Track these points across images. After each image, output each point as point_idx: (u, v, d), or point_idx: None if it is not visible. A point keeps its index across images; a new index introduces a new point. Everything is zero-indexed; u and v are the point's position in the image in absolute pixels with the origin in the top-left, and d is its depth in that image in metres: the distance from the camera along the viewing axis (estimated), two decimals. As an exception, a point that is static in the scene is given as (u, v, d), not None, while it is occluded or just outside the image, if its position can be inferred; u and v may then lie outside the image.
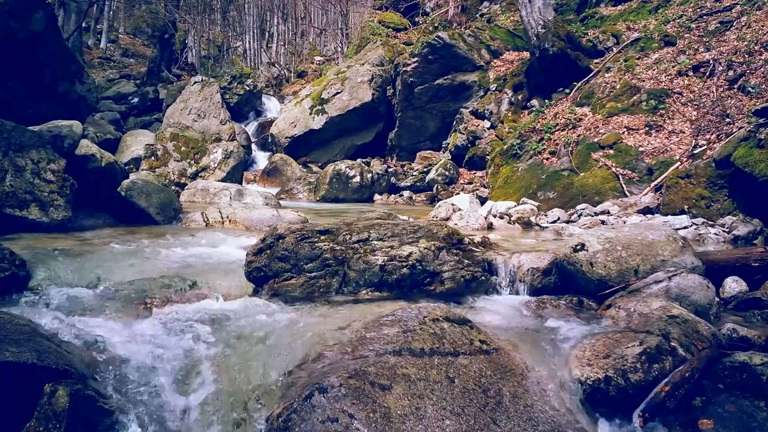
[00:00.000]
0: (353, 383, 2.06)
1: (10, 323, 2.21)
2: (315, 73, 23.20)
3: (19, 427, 1.84)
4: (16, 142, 4.75)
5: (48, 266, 3.54)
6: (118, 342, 2.51)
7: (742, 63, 8.14)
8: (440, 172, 11.54)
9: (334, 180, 11.40)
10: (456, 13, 16.97)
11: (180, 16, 24.63)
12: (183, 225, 5.96)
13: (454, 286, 3.51)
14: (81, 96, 9.98)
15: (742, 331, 2.83)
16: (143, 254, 4.08)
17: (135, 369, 2.34)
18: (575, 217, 6.77)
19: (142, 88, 18.05)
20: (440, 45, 12.70)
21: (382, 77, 14.67)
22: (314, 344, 2.57)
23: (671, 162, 7.24)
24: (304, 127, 14.14)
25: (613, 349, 2.55)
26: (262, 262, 3.48)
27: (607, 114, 8.73)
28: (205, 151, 11.80)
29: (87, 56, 20.76)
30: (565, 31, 10.68)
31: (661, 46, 9.89)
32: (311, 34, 31.83)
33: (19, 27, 7.97)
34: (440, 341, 2.41)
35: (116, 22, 28.49)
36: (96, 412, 2.02)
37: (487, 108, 11.90)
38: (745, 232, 5.19)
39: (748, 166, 5.46)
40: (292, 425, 1.92)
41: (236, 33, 29.39)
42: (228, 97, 16.76)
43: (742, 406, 2.26)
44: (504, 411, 2.15)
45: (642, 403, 2.34)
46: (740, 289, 3.54)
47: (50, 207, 4.72)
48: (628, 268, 3.37)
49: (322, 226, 3.75)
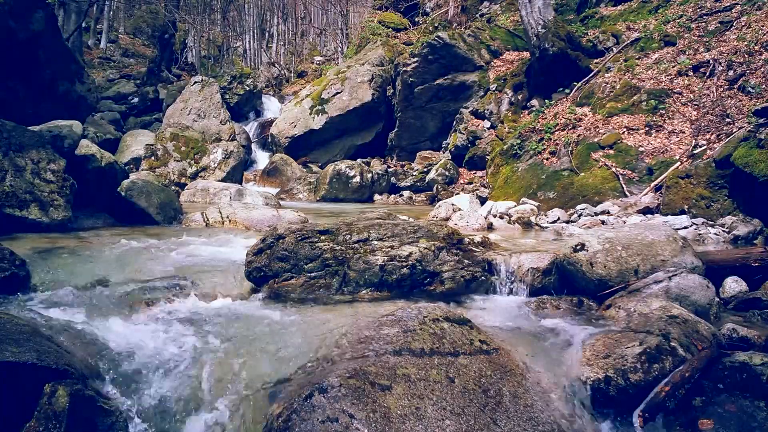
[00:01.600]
0: (353, 383, 2.06)
1: (10, 323, 2.21)
2: (315, 73, 23.22)
3: (19, 427, 1.84)
4: (16, 142, 4.75)
5: (48, 266, 3.55)
6: (118, 342, 2.51)
7: (742, 63, 8.14)
8: (440, 172, 11.54)
9: (334, 180, 11.41)
10: (456, 13, 16.97)
11: (180, 16, 24.64)
12: (183, 225, 5.96)
13: (454, 286, 3.51)
14: (81, 96, 9.98)
15: (742, 331, 2.83)
16: (143, 254, 4.08)
17: (135, 369, 2.35)
18: (575, 217, 6.77)
19: (142, 88, 18.06)
20: (440, 45, 12.70)
21: (382, 77, 14.67)
22: (314, 344, 2.57)
23: (671, 162, 7.24)
24: (304, 127, 14.15)
25: (613, 349, 2.55)
26: (262, 262, 3.48)
27: (607, 114, 8.73)
28: (205, 151, 11.80)
29: (87, 56, 20.77)
30: (565, 31, 10.68)
31: (661, 46, 9.89)
32: (311, 34, 31.84)
33: (19, 27, 7.97)
34: (440, 341, 2.41)
35: (116, 22, 28.49)
36: (96, 412, 2.02)
37: (487, 108, 11.90)
38: (745, 232, 5.19)
39: (748, 166, 5.46)
40: (292, 425, 1.92)
41: (236, 33, 29.39)
42: (228, 97, 16.77)
43: (742, 406, 2.26)
44: (504, 411, 2.15)
45: (642, 403, 2.34)
46: (740, 289, 3.54)
47: (50, 207, 4.72)
48: (628, 268, 3.37)
49: (322, 226, 3.75)
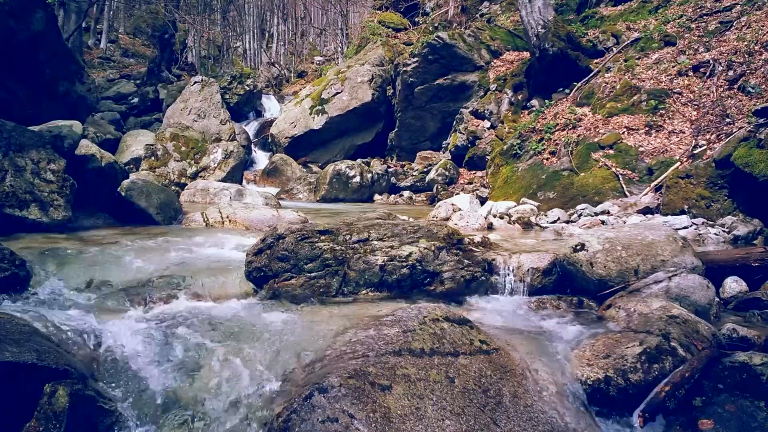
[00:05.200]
0: (353, 383, 2.06)
1: (10, 323, 2.21)
2: (315, 73, 23.22)
3: (19, 427, 1.84)
4: (17, 142, 4.74)
5: (48, 266, 3.54)
6: (118, 342, 2.51)
7: (742, 63, 8.14)
8: (440, 172, 11.54)
9: (334, 180, 11.40)
10: (456, 13, 16.97)
11: (180, 16, 24.64)
12: (183, 225, 5.96)
13: (454, 286, 3.51)
14: (81, 96, 9.98)
15: (742, 331, 2.83)
16: (143, 254, 4.07)
17: (135, 368, 2.35)
18: (575, 217, 6.77)
19: (142, 88, 18.05)
20: (440, 45, 12.70)
21: (382, 77, 14.67)
22: (314, 344, 2.57)
23: (671, 162, 7.24)
24: (304, 127, 14.14)
25: (613, 349, 2.55)
26: (262, 262, 3.48)
27: (607, 114, 8.73)
28: (205, 151, 11.79)
29: (87, 56, 20.76)
30: (565, 31, 10.68)
31: (661, 46, 9.89)
32: (311, 34, 31.85)
33: (19, 27, 7.97)
34: (440, 341, 2.41)
35: (116, 22, 28.49)
36: (96, 412, 2.02)
37: (487, 108, 11.89)
38: (745, 232, 5.19)
39: (748, 166, 5.46)
40: (292, 425, 1.92)
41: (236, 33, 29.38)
42: (228, 97, 16.77)
43: (742, 406, 2.26)
44: (504, 411, 2.15)
45: (642, 403, 2.34)
46: (740, 289, 3.54)
47: (50, 207, 4.72)
48: (628, 268, 3.37)
49: (322, 226, 3.75)
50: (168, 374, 2.34)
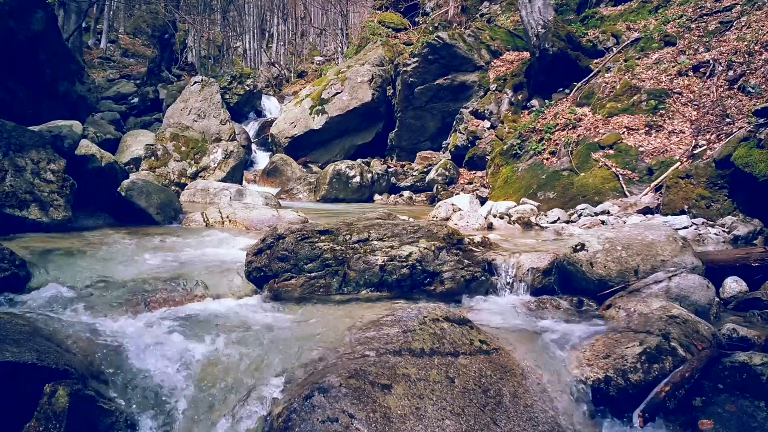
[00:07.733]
0: (353, 383, 2.06)
1: (10, 323, 2.21)
2: (315, 73, 23.22)
3: (19, 427, 1.84)
4: (16, 142, 4.74)
5: (48, 266, 3.54)
6: (118, 342, 2.51)
7: (742, 63, 8.14)
8: (440, 172, 11.54)
9: (334, 180, 11.41)
10: (456, 13, 16.97)
11: (180, 16, 24.64)
12: (183, 225, 5.96)
13: (454, 286, 3.51)
14: (81, 96, 9.98)
15: (742, 331, 2.83)
16: (143, 254, 4.07)
17: (134, 369, 2.35)
18: (575, 217, 6.77)
19: (142, 88, 18.05)
20: (440, 45, 12.70)
21: (382, 77, 14.67)
22: (314, 344, 2.57)
23: (671, 162, 7.24)
24: (304, 127, 14.14)
25: (613, 349, 2.55)
26: (262, 262, 3.48)
27: (607, 114, 8.73)
28: (205, 151, 11.79)
29: (87, 56, 20.76)
30: (565, 31, 10.68)
31: (661, 46, 9.89)
32: (311, 34, 31.85)
33: (19, 27, 7.97)
34: (440, 341, 2.41)
35: (116, 22, 28.49)
36: (96, 412, 2.02)
37: (487, 108, 11.90)
38: (745, 232, 5.19)
39: (748, 166, 5.46)
40: (292, 425, 1.92)
41: (236, 33, 29.39)
42: (228, 97, 16.77)
43: (742, 406, 2.26)
44: (504, 411, 2.15)
45: (642, 403, 2.34)
46: (740, 289, 3.54)
47: (50, 207, 4.72)
48: (628, 268, 3.37)
49: (322, 226, 3.75)
50: (168, 374, 2.34)
